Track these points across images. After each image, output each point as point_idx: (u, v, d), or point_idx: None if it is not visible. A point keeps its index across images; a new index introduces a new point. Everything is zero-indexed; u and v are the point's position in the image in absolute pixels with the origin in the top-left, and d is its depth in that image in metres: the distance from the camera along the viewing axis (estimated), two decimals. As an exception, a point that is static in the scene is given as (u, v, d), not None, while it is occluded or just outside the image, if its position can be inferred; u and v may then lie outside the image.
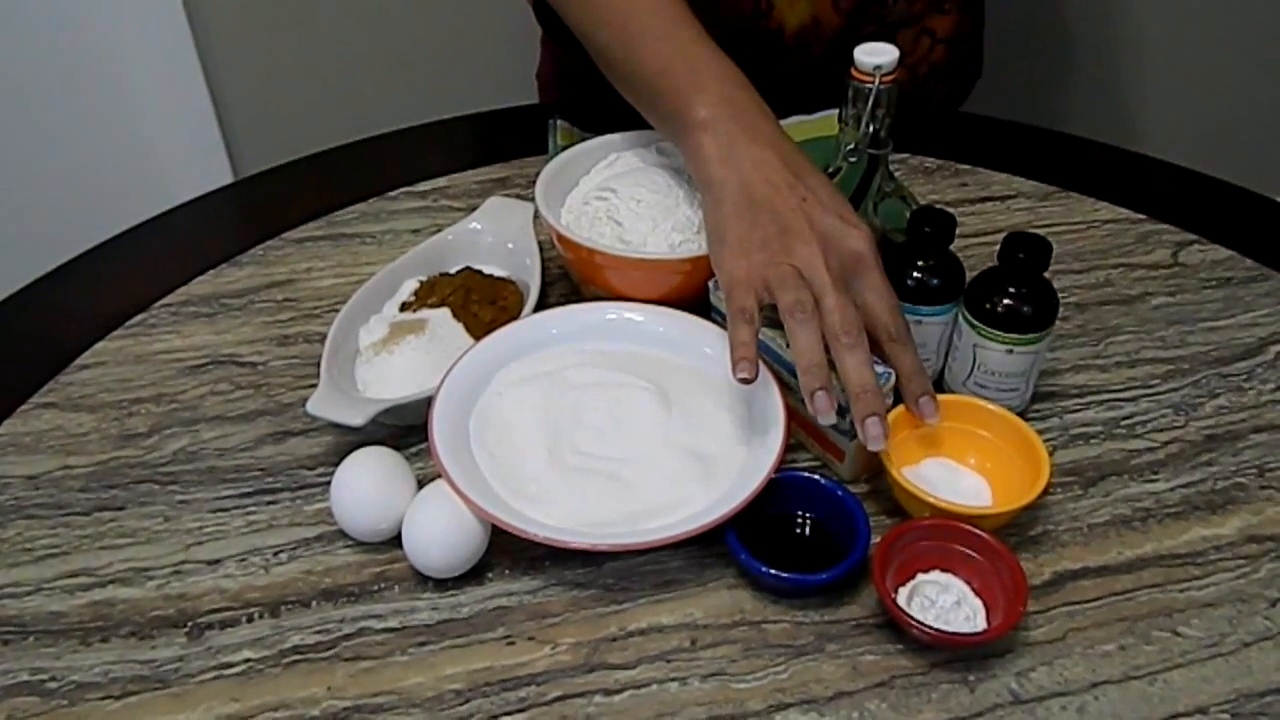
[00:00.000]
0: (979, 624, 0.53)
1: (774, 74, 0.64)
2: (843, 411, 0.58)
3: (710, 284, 0.65)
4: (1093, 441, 0.64)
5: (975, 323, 0.61)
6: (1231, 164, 1.08)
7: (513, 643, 0.53)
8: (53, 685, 0.52)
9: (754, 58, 0.67)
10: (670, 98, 0.65)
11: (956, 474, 0.60)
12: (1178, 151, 0.97)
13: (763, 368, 0.61)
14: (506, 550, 0.57)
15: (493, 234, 0.76)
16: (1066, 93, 1.70)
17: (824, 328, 0.56)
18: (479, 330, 0.67)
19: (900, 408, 0.60)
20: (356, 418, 0.59)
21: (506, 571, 0.57)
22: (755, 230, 0.59)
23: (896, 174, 0.68)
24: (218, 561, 0.58)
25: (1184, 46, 1.64)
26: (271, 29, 1.45)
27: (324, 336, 0.66)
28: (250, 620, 0.55)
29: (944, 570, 0.55)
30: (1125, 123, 1.71)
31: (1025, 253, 0.59)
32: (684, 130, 0.64)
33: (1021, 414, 0.61)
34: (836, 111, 0.66)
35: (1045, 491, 0.56)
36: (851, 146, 0.65)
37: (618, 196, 0.70)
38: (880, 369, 0.58)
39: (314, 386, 0.62)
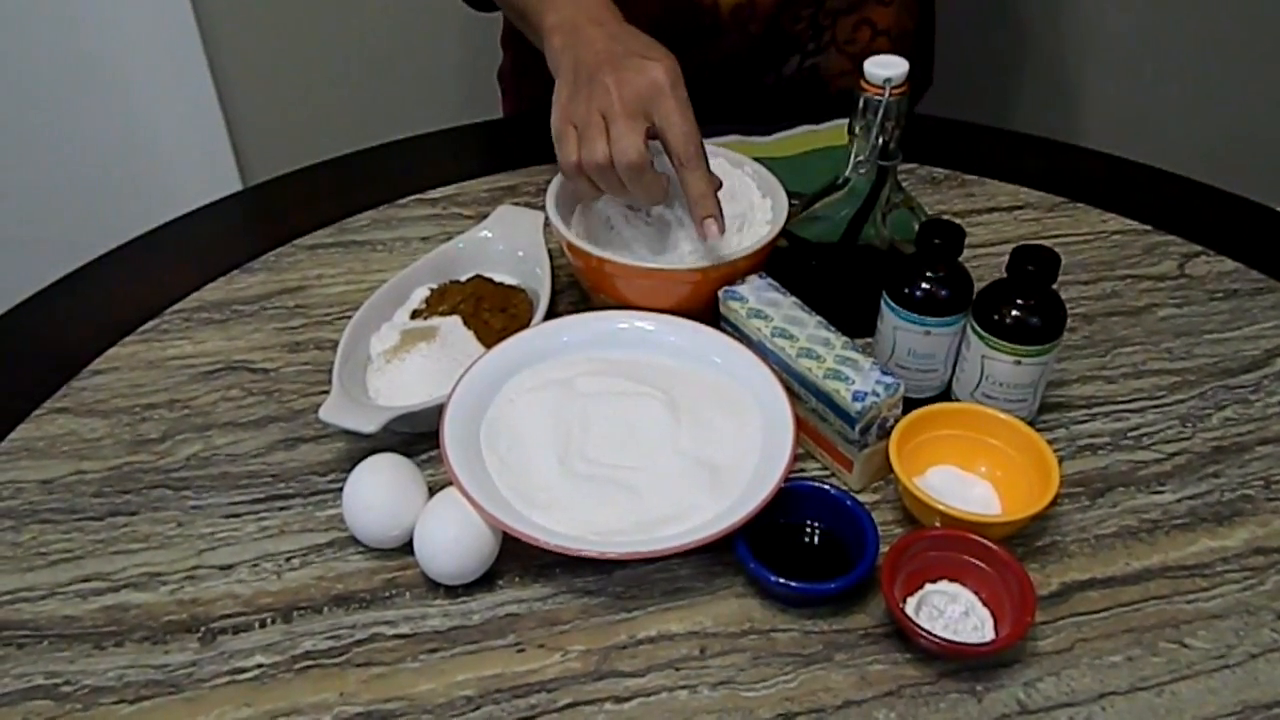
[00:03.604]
0: (987, 634, 0.53)
1: (715, 51, 0.67)
2: (852, 422, 0.58)
3: (720, 293, 0.66)
4: (1100, 452, 0.65)
5: (983, 334, 0.61)
6: (1238, 176, 1.09)
7: (523, 650, 0.54)
8: (67, 689, 0.52)
9: (693, 35, 0.71)
10: (534, 14, 0.74)
11: (966, 482, 0.61)
12: (1185, 163, 0.97)
13: (772, 375, 0.62)
14: (517, 557, 0.58)
15: (503, 242, 0.76)
16: (1073, 104, 1.70)
17: (615, 163, 0.62)
18: (489, 338, 0.67)
19: (911, 415, 0.60)
20: (369, 425, 0.60)
21: (517, 579, 0.57)
22: (575, 88, 0.66)
23: (904, 184, 0.69)
24: (230, 567, 0.58)
25: (1192, 58, 1.65)
26: (281, 36, 1.46)
27: (335, 343, 0.66)
28: (263, 626, 0.55)
29: (952, 580, 0.55)
30: (1132, 134, 1.71)
31: (1034, 265, 0.59)
32: (543, 37, 0.71)
33: (1029, 425, 0.61)
34: (845, 122, 0.66)
35: (1055, 500, 0.56)
36: (861, 158, 0.65)
37: (628, 205, 0.71)
38: (889, 379, 0.59)
39: (325, 393, 0.62)
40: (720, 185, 0.66)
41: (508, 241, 0.76)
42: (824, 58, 0.98)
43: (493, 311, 0.69)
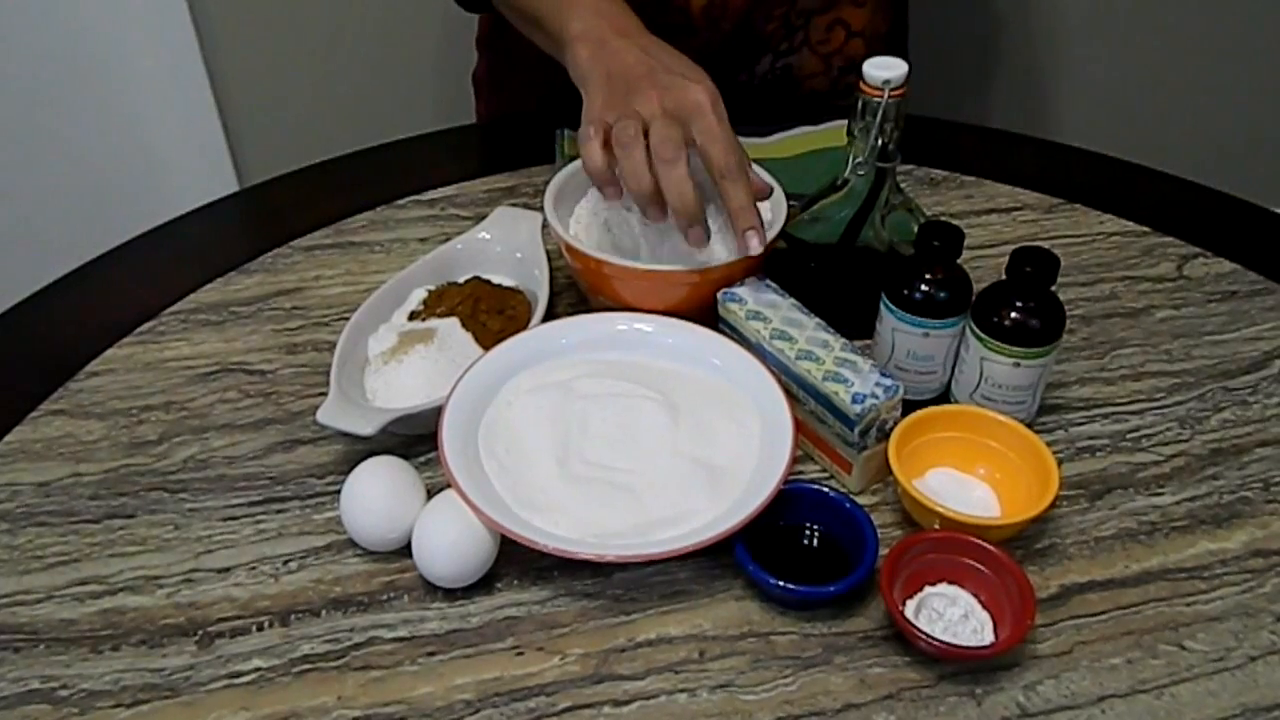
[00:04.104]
0: (986, 637, 0.53)
1: (686, 49, 0.68)
2: (851, 425, 0.58)
3: (719, 295, 0.66)
4: (1099, 454, 0.65)
5: (983, 336, 0.61)
6: (1236, 177, 1.09)
7: (522, 653, 0.54)
8: (64, 693, 0.52)
9: (663, 33, 0.71)
10: (550, 20, 0.73)
11: (965, 485, 0.61)
12: (1183, 164, 0.97)
13: (771, 378, 0.62)
14: (515, 560, 0.57)
15: (501, 243, 0.76)
16: (1071, 104, 1.70)
17: (651, 148, 0.61)
18: (487, 340, 0.67)
19: (910, 417, 0.60)
20: (367, 427, 0.60)
21: (515, 581, 0.57)
22: (611, 98, 0.65)
23: (903, 186, 0.69)
24: (227, 570, 0.58)
25: (1190, 59, 1.65)
26: (278, 37, 1.46)
27: (333, 345, 0.66)
28: (260, 629, 0.55)
29: (952, 583, 0.55)
30: (1130, 135, 1.72)
31: (1033, 266, 0.59)
32: (565, 46, 0.70)
33: (1028, 427, 0.61)
34: (843, 123, 0.66)
35: (1054, 503, 0.56)
36: (859, 159, 0.65)
37: (626, 207, 0.71)
38: (889, 381, 0.59)
39: (323, 395, 0.62)
40: (770, 192, 0.67)
41: (506, 243, 0.76)
42: (797, 58, 0.97)
43: (491, 313, 0.69)
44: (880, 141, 0.64)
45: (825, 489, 0.58)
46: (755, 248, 0.63)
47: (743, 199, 0.63)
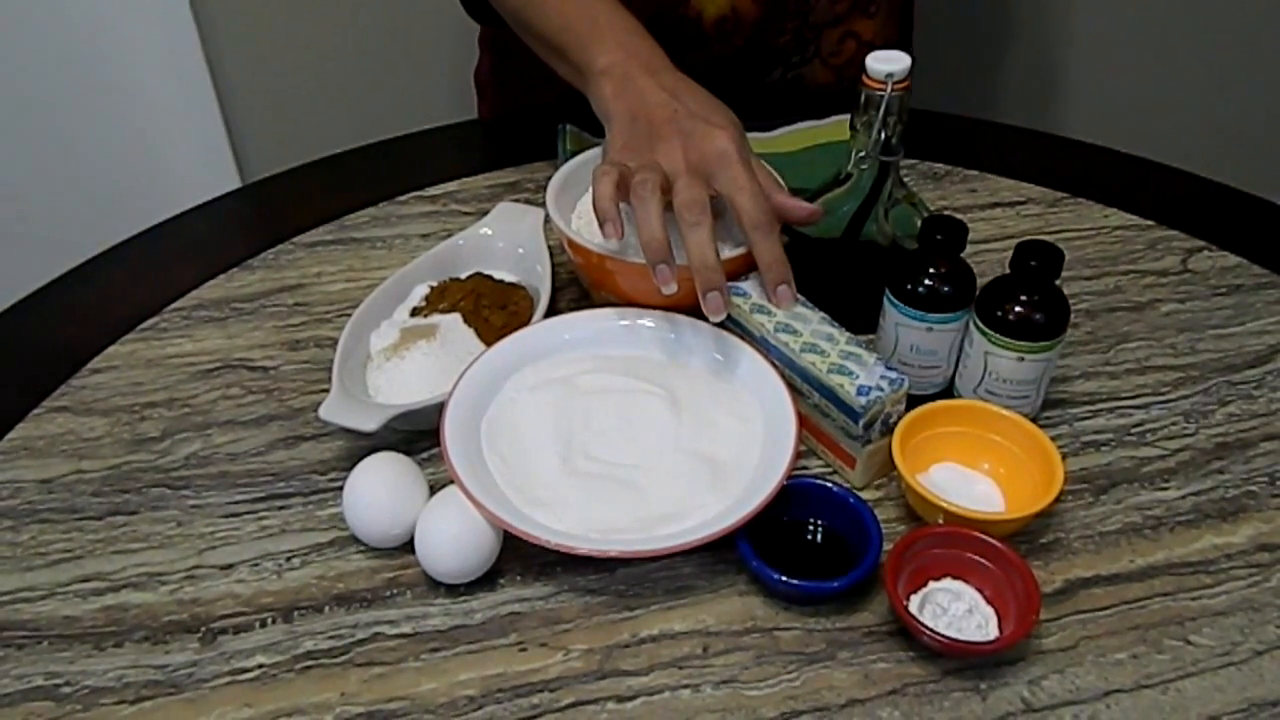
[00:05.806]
0: (991, 632, 0.53)
1: (697, 62, 0.67)
2: (855, 417, 0.58)
3: (721, 290, 0.65)
4: (1104, 449, 0.64)
5: (987, 330, 0.61)
6: (1241, 170, 1.08)
7: (525, 649, 0.54)
8: (67, 690, 0.52)
9: (675, 45, 0.70)
10: (575, 53, 0.71)
11: (969, 479, 0.61)
12: (1188, 158, 0.97)
13: (774, 372, 0.61)
14: (519, 556, 0.57)
15: (503, 239, 0.76)
16: (1075, 98, 1.69)
17: (675, 208, 0.60)
18: (490, 335, 0.67)
19: (914, 411, 0.60)
20: (369, 423, 0.59)
21: (518, 577, 0.57)
22: (631, 141, 0.65)
23: (906, 180, 0.68)
24: (230, 566, 0.58)
25: (1194, 52, 1.64)
26: (279, 32, 1.46)
27: (335, 341, 0.66)
28: (263, 625, 0.55)
29: (956, 578, 0.55)
30: (1134, 128, 1.71)
31: (1037, 260, 0.59)
32: (589, 79, 0.69)
33: (1032, 421, 0.61)
34: (846, 117, 0.66)
35: (1059, 497, 0.56)
36: (863, 153, 0.65)
37: (628, 202, 0.70)
38: (894, 374, 0.59)
39: (325, 391, 0.62)
40: (821, 218, 0.65)
41: (508, 238, 0.76)
42: (808, 69, 0.97)
43: (493, 309, 0.69)
44: (883, 135, 0.63)
45: (829, 484, 0.58)
46: (789, 300, 0.62)
47: (775, 252, 0.61)
